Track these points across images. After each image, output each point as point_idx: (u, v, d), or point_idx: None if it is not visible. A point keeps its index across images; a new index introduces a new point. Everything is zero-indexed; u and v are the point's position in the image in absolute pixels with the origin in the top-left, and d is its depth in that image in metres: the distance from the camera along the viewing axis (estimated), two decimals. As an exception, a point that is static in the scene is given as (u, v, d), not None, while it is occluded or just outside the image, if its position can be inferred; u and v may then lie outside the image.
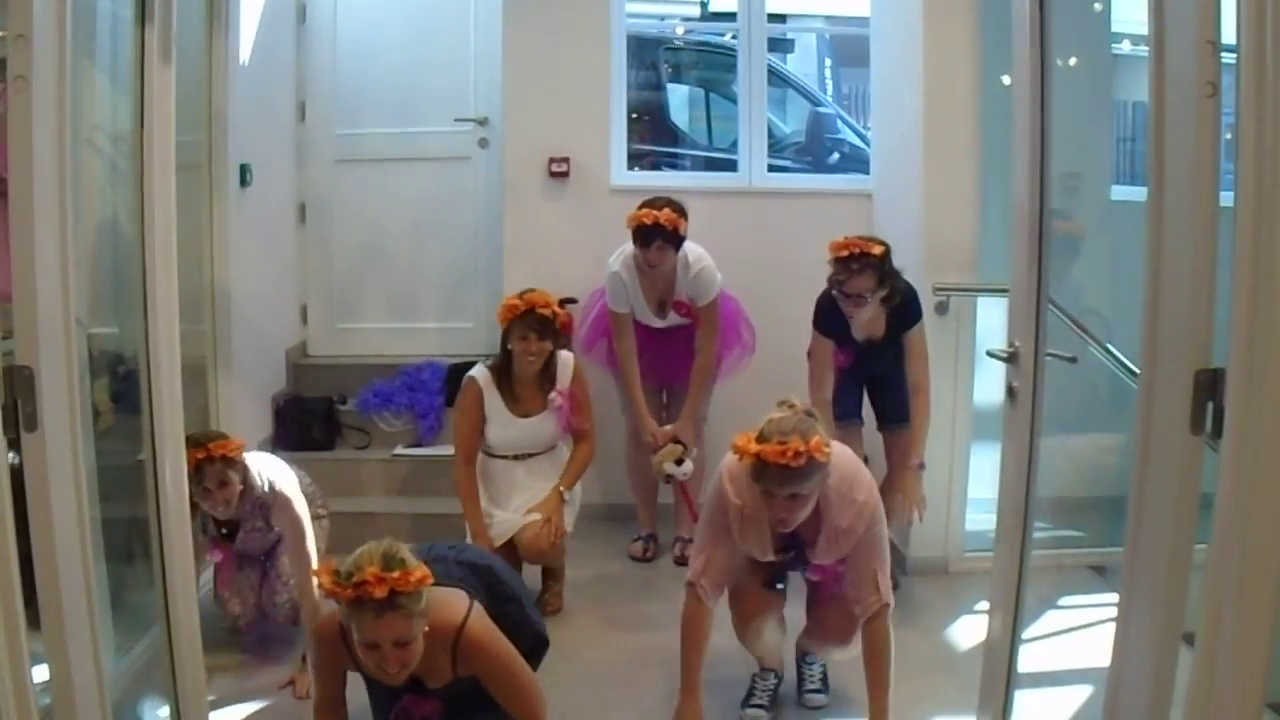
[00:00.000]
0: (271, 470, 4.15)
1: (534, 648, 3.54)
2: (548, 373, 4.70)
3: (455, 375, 6.06)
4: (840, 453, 3.45)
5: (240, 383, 5.38)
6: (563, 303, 5.85)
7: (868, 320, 4.59)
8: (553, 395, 4.69)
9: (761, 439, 3.22)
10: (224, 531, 4.14)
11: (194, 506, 3.23)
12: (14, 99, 1.95)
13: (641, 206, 4.92)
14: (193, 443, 3.76)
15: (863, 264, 4.39)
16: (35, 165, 1.98)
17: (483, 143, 6.58)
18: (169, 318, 2.89)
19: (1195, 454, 1.99)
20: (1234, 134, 1.83)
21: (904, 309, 4.58)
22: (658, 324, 5.22)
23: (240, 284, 5.34)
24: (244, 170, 5.42)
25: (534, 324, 4.54)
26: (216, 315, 5.17)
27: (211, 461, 3.88)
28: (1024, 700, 3.23)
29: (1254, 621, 1.89)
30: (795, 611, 3.86)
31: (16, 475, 2.05)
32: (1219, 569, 1.90)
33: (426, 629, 3.02)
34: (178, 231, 2.93)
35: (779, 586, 3.74)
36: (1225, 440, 1.87)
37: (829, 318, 4.66)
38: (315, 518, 4.29)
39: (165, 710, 3.12)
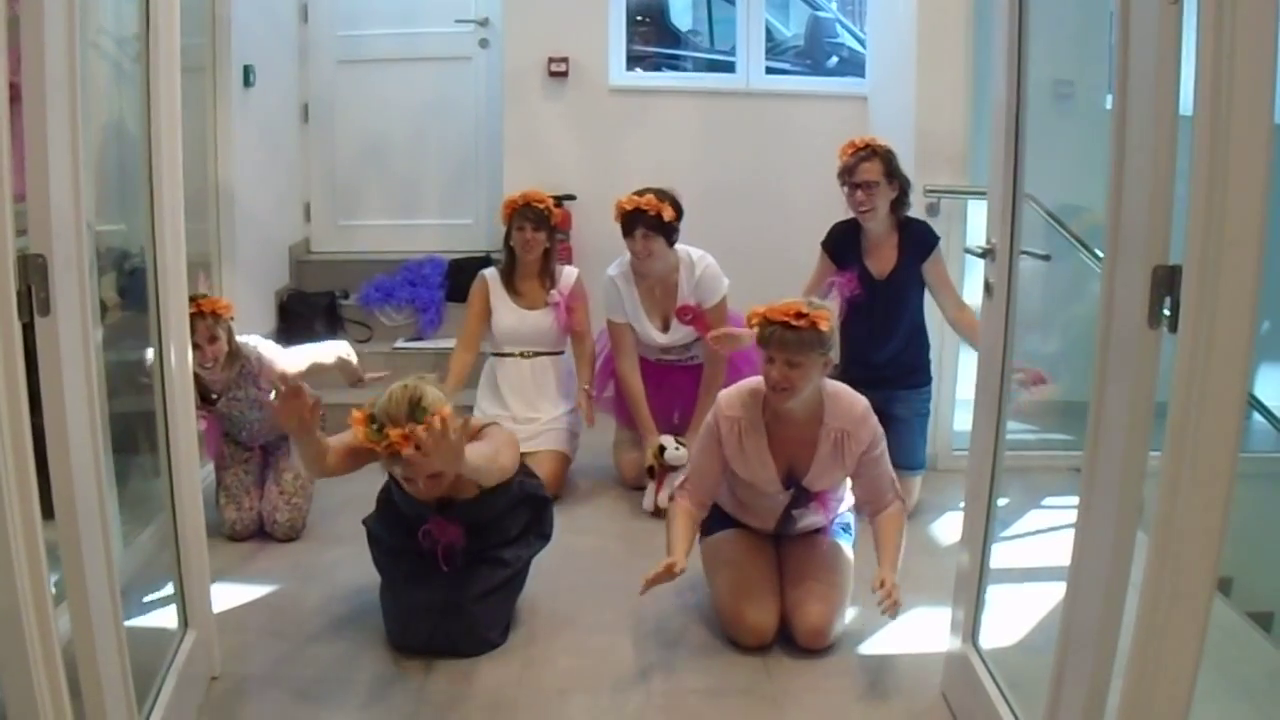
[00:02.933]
0: (260, 344, 4.37)
1: (537, 509, 3.75)
2: (548, 270, 5.01)
3: (456, 271, 6.18)
4: (840, 384, 3.58)
5: (244, 279, 5.49)
6: (561, 200, 5.94)
7: (879, 240, 4.61)
8: (553, 292, 4.99)
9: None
10: (214, 397, 4.31)
11: None
12: (25, 2, 2.01)
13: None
14: None
15: (869, 152, 4.51)
16: (47, 67, 2.04)
17: (483, 43, 6.62)
18: (175, 216, 2.97)
19: (1153, 347, 2.06)
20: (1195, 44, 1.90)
21: (920, 237, 4.62)
22: (660, 340, 4.95)
23: (244, 183, 5.44)
24: (247, 71, 5.49)
25: (530, 215, 4.90)
26: (221, 213, 5.27)
27: (203, 316, 4.04)
28: (1003, 594, 3.32)
29: (1207, 510, 1.96)
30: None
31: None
32: (1173, 456, 1.98)
33: None
34: (182, 132, 3.00)
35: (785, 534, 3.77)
36: (1180, 333, 1.95)
37: (841, 242, 4.72)
38: None
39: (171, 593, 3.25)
